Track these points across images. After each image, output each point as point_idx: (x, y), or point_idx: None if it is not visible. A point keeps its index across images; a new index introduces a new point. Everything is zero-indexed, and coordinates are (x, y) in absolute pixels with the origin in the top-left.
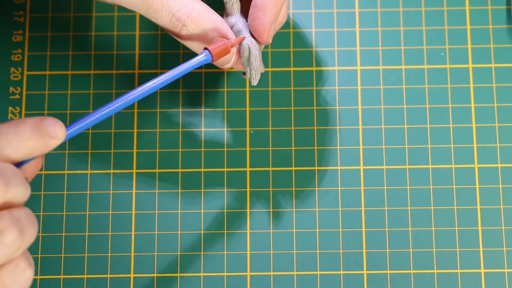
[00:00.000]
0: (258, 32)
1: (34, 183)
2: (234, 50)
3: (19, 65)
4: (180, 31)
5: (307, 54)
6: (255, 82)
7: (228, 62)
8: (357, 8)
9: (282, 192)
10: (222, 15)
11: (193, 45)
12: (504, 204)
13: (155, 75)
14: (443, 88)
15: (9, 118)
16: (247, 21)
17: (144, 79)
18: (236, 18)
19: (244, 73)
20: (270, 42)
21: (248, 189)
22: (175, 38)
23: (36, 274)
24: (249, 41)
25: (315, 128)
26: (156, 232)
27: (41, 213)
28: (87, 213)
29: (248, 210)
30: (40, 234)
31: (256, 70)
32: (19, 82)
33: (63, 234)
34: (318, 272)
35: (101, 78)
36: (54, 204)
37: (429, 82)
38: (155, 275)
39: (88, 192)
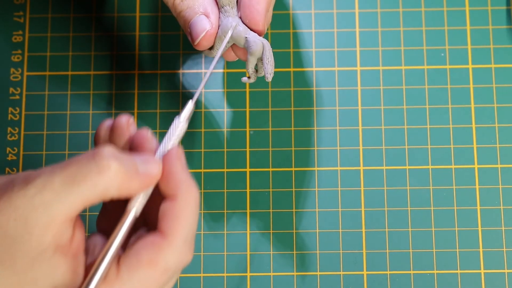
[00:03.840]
0: (253, 20)
1: None
2: (212, 30)
3: (19, 65)
4: None
5: (307, 54)
6: (270, 78)
7: (209, 43)
8: (357, 9)
9: (282, 192)
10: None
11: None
12: (504, 204)
13: (155, 76)
14: (443, 88)
15: (9, 118)
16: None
17: (144, 79)
18: (236, 20)
19: (248, 77)
20: (265, 31)
21: (248, 190)
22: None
23: None
24: (257, 37)
25: (315, 128)
26: None
27: None
28: (87, 213)
29: (248, 211)
30: None
31: (272, 65)
32: (19, 82)
33: None
34: (318, 273)
35: (101, 79)
36: None
37: (429, 82)
38: None
39: None
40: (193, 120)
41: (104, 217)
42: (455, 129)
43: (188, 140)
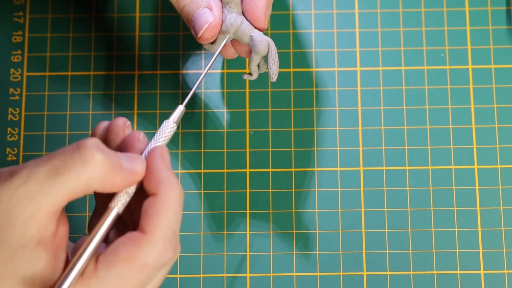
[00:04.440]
0: (254, 16)
1: None
2: (215, 22)
3: (19, 66)
4: None
5: (307, 55)
6: (275, 78)
7: (213, 34)
8: (356, 9)
9: (282, 193)
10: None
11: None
12: (503, 205)
13: (155, 76)
14: (442, 89)
15: (8, 119)
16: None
17: (144, 79)
18: (241, 17)
19: (249, 74)
20: (266, 27)
21: (248, 190)
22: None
23: None
24: (263, 36)
25: (315, 129)
26: None
27: None
28: (87, 214)
29: (248, 211)
30: None
31: (277, 65)
32: (19, 83)
33: None
34: (318, 274)
35: (101, 79)
36: None
37: (429, 83)
38: None
39: (87, 195)
40: (193, 120)
41: (95, 219)
42: (455, 129)
43: (188, 140)
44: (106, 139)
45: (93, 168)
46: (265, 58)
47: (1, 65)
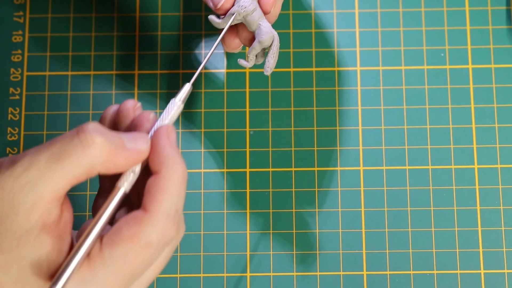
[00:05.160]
0: (268, 3)
1: None
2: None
3: (19, 65)
4: None
5: (307, 54)
6: (270, 71)
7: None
8: (356, 9)
9: (282, 193)
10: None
11: None
12: (503, 204)
13: (155, 76)
14: (443, 88)
15: (8, 118)
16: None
17: (144, 79)
18: (255, 4)
19: (246, 61)
20: (276, 17)
21: (248, 190)
22: None
23: None
24: (270, 28)
25: (315, 128)
26: None
27: None
28: (87, 213)
29: (248, 211)
30: None
31: (275, 60)
32: (19, 82)
33: None
34: (318, 273)
35: (101, 79)
36: None
37: (429, 82)
38: None
39: (88, 192)
40: (193, 120)
41: (100, 200)
42: (455, 129)
43: (188, 140)
44: (116, 121)
45: (93, 152)
46: (265, 51)
47: (1, 65)
